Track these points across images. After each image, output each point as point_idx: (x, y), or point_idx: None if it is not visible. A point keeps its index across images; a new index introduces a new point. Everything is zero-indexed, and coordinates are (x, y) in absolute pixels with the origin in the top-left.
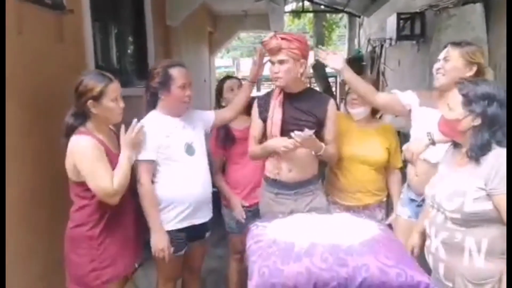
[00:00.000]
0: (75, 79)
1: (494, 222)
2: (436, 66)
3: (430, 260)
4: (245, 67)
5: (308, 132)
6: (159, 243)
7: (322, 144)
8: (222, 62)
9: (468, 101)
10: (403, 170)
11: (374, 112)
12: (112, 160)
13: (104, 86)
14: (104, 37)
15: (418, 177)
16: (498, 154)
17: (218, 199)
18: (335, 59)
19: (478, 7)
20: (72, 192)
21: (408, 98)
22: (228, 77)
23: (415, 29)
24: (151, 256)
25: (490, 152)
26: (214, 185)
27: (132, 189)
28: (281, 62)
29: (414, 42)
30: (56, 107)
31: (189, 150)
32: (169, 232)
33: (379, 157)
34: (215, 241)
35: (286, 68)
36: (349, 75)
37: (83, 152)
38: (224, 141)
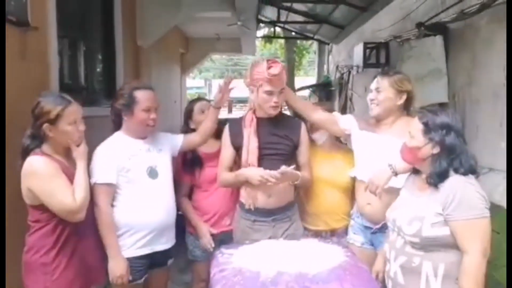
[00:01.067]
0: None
1: (451, 248)
2: (369, 96)
3: (389, 285)
4: (217, 88)
5: (288, 168)
6: (116, 269)
7: (299, 173)
8: (194, 83)
9: (427, 130)
10: None
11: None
12: (72, 178)
13: (61, 110)
14: (72, 54)
15: (370, 205)
16: (456, 181)
17: (184, 224)
18: None
19: (438, 39)
20: (29, 216)
21: (347, 122)
22: (199, 99)
23: (380, 58)
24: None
25: (448, 179)
26: (179, 208)
27: (92, 212)
28: (281, 91)
29: (379, 70)
30: (17, 126)
31: (152, 173)
32: (128, 259)
33: (343, 179)
34: (181, 267)
35: (282, 96)
36: (288, 94)
37: (36, 173)
38: (191, 165)
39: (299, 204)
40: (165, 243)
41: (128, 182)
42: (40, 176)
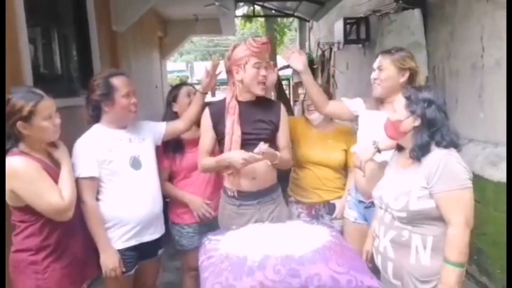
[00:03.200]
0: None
1: (437, 220)
2: (372, 75)
3: (378, 260)
4: (199, 71)
5: (265, 146)
6: (109, 262)
7: (278, 153)
8: (176, 66)
9: (409, 103)
10: None
11: None
12: (54, 177)
13: (34, 105)
14: (45, 42)
15: (365, 177)
16: (438, 154)
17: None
18: (298, 60)
19: (417, 12)
20: (12, 216)
21: (356, 104)
22: (184, 84)
23: (361, 33)
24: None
25: (431, 153)
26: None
27: (79, 208)
28: (266, 66)
29: (360, 45)
30: None
31: (135, 163)
32: (117, 251)
33: (335, 159)
34: (171, 254)
35: (269, 73)
36: (308, 79)
37: (19, 175)
38: (172, 150)
39: (294, 180)
40: (154, 233)
41: (111, 174)
42: (22, 177)
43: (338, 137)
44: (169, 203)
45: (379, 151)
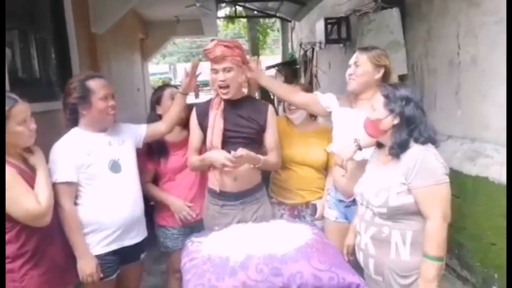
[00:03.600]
0: None
1: (416, 215)
2: (348, 71)
3: (360, 257)
4: (182, 72)
5: (243, 151)
6: (86, 268)
7: (260, 156)
8: (158, 69)
9: (388, 102)
10: None
11: (312, 115)
12: (30, 182)
13: (8, 110)
14: (23, 46)
15: (344, 177)
16: (415, 150)
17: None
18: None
19: (395, 11)
20: None
21: (328, 100)
22: (168, 85)
23: (342, 33)
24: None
25: (409, 150)
26: (147, 197)
27: (56, 213)
28: (227, 70)
29: (341, 45)
30: None
31: (114, 167)
32: (97, 256)
33: (317, 158)
34: (156, 257)
35: (232, 75)
36: (267, 80)
37: None
38: (158, 154)
39: (276, 181)
40: (135, 237)
41: (90, 179)
42: None
43: (320, 136)
44: (155, 206)
45: (360, 148)
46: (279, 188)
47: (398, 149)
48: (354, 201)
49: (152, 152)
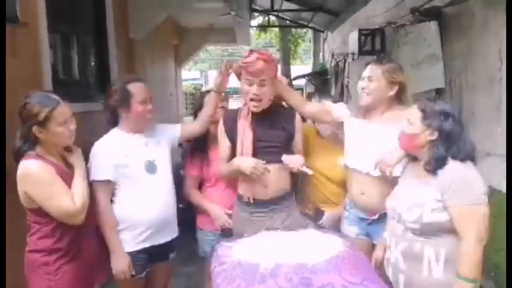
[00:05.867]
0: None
1: (451, 233)
2: (360, 85)
3: (390, 272)
4: (213, 79)
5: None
6: (119, 265)
7: (301, 157)
8: (190, 75)
9: (426, 116)
10: None
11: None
12: (68, 181)
13: (49, 111)
14: (65, 49)
15: (364, 195)
16: (454, 167)
17: (189, 218)
18: None
19: (433, 25)
20: (28, 217)
21: (340, 110)
22: (208, 91)
23: (376, 44)
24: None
25: (447, 166)
26: (182, 201)
27: (93, 212)
28: (262, 83)
29: (375, 57)
30: (10, 125)
31: (150, 168)
32: (128, 253)
33: (341, 173)
34: (183, 259)
35: (266, 90)
36: (281, 85)
37: (33, 178)
38: (201, 159)
39: (301, 193)
40: (166, 236)
41: (127, 178)
42: (36, 181)
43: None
44: (197, 209)
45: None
46: (301, 200)
47: (435, 165)
48: (377, 219)
49: (195, 159)
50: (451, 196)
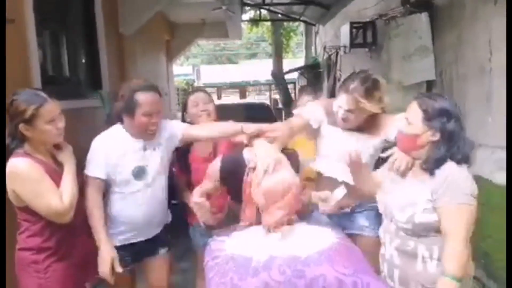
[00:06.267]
0: None
1: (441, 232)
2: (341, 115)
3: (385, 267)
4: (206, 74)
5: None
6: (105, 256)
7: None
8: (182, 70)
9: (427, 117)
10: None
11: None
12: (57, 179)
13: (36, 108)
14: (54, 46)
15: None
16: (450, 169)
17: (184, 215)
18: None
19: (424, 16)
20: (18, 215)
21: (316, 117)
22: (198, 89)
23: (367, 37)
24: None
25: (444, 166)
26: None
27: (84, 209)
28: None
29: (366, 49)
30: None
31: (139, 174)
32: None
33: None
34: (179, 255)
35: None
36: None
37: (21, 176)
38: (185, 165)
39: None
40: (148, 234)
41: (116, 180)
42: (24, 179)
43: None
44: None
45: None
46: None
47: (434, 165)
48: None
49: (181, 163)
50: (441, 196)
